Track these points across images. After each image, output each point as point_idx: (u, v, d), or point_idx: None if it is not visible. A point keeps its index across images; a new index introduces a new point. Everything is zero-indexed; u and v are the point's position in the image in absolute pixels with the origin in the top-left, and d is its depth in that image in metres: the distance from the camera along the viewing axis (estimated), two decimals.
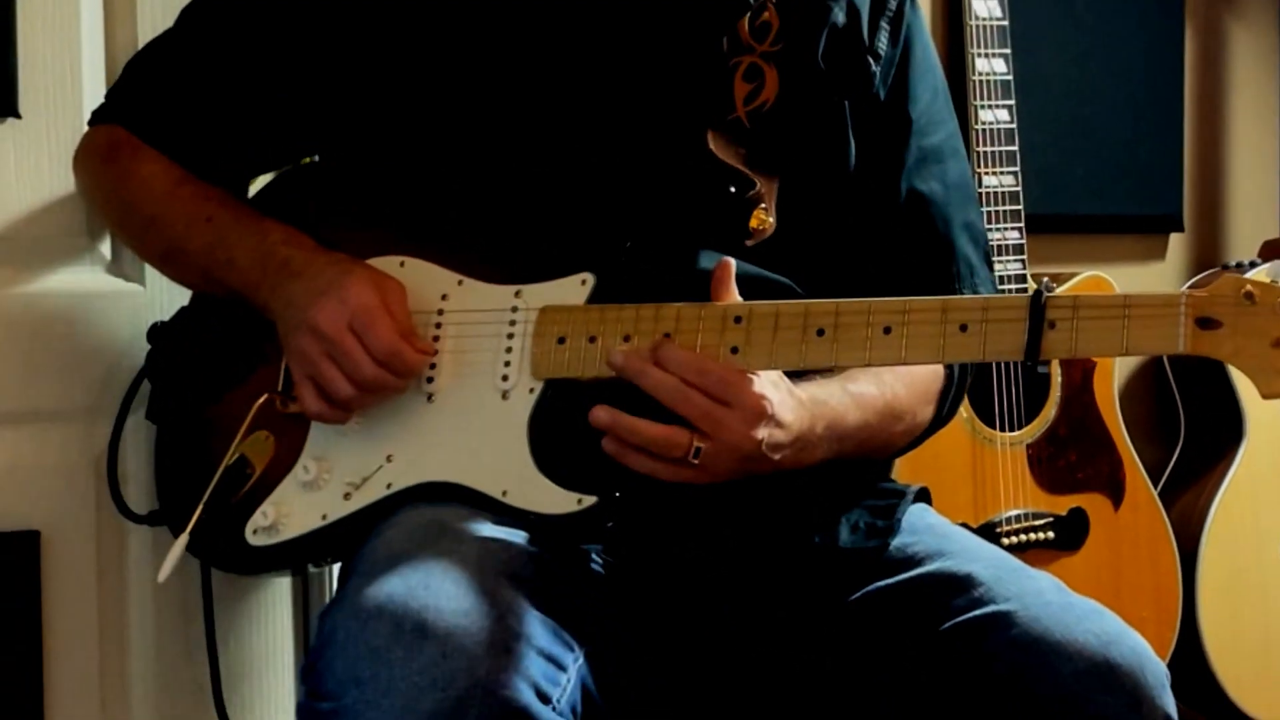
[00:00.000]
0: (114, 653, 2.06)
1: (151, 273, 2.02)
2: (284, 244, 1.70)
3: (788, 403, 1.60)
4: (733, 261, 1.63)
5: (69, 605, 2.02)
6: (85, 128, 1.94)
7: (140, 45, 1.99)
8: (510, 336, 1.65)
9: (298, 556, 1.72)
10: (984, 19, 2.54)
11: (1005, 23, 2.56)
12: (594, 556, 1.66)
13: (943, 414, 1.84)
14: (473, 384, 1.66)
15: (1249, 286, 1.46)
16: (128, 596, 2.06)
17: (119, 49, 2.02)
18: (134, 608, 2.06)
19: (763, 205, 1.69)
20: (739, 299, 1.64)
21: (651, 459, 1.57)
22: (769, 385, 1.58)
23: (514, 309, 1.66)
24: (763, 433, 1.58)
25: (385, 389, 1.64)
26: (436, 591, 1.45)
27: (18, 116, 1.98)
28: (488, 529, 1.57)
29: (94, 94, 1.98)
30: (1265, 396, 1.47)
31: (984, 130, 2.53)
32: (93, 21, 2.04)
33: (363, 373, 1.62)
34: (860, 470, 1.81)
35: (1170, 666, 1.70)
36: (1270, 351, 1.44)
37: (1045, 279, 2.50)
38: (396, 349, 1.63)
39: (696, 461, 1.57)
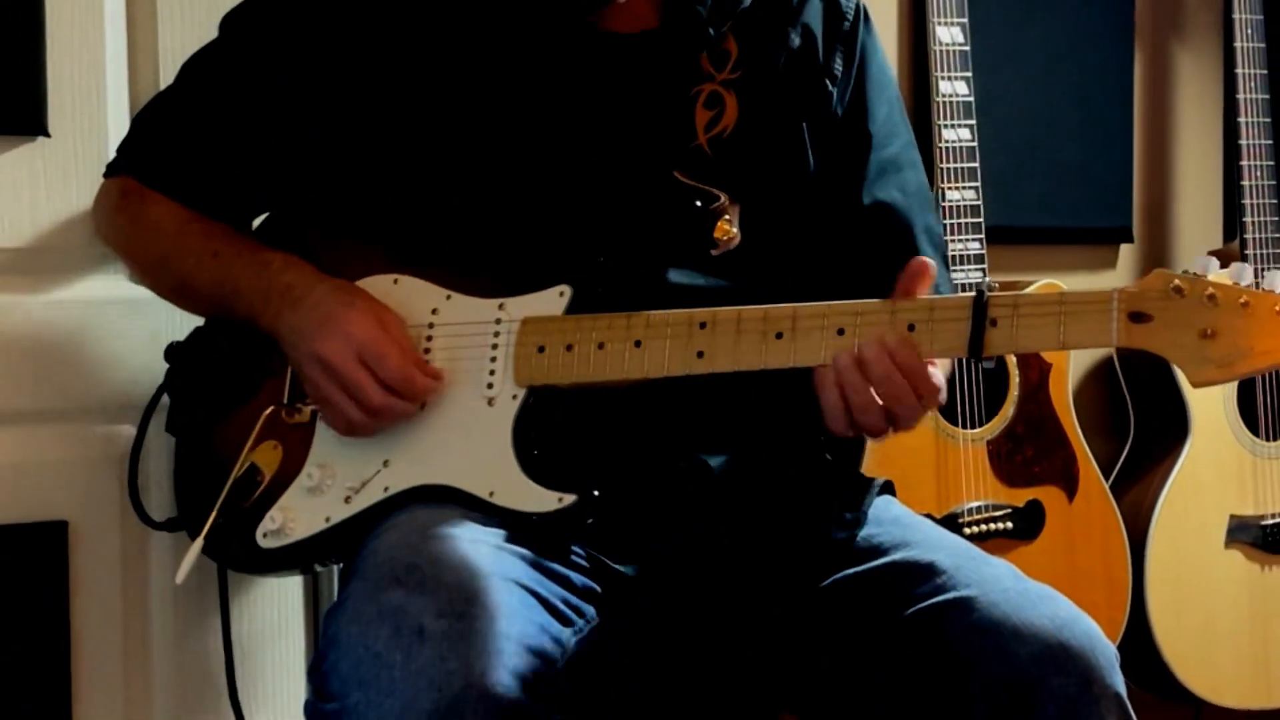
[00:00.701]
0: (136, 635, 2.07)
1: None
2: (284, 271, 1.70)
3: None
4: (927, 262, 1.59)
5: (94, 589, 2.04)
6: (110, 146, 1.96)
7: (160, 64, 2.01)
8: (495, 346, 1.66)
9: (305, 557, 1.71)
10: (947, 44, 2.53)
11: (967, 48, 2.55)
12: (576, 550, 1.66)
13: None
14: (461, 392, 1.66)
15: (1177, 281, 1.45)
16: (149, 583, 2.07)
17: (141, 69, 2.04)
18: (155, 593, 2.07)
19: (726, 217, 1.66)
20: (928, 293, 1.62)
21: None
22: (941, 378, 1.59)
23: (498, 320, 1.66)
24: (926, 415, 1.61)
25: (395, 414, 1.64)
26: (432, 596, 1.45)
27: (47, 135, 1.99)
28: (478, 531, 1.57)
29: (118, 112, 2.00)
30: (1195, 385, 1.46)
31: (947, 148, 2.52)
32: (116, 44, 2.04)
33: (372, 401, 1.62)
34: (833, 474, 1.83)
35: (1120, 648, 1.70)
36: (1199, 342, 1.44)
37: (987, 279, 2.52)
38: (408, 375, 1.63)
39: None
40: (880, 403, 1.56)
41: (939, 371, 1.58)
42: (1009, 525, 2.58)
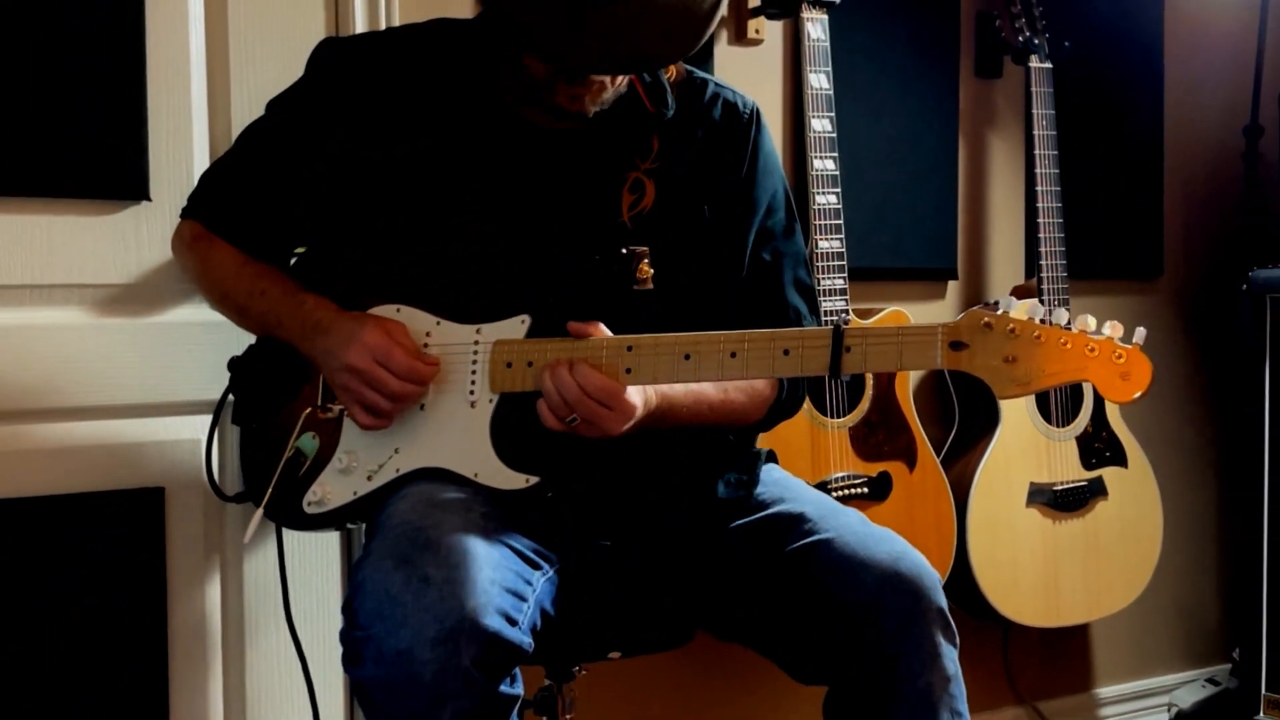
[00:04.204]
0: (216, 574, 2.10)
1: None
2: (315, 310, 1.70)
3: (639, 413, 1.62)
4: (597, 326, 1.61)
5: (184, 539, 2.08)
6: None
7: (233, 142, 1.95)
8: (474, 362, 1.66)
9: (339, 520, 1.73)
10: (819, 132, 2.52)
11: (834, 135, 2.53)
12: (542, 513, 1.67)
13: (770, 418, 1.83)
14: (451, 397, 1.67)
15: (987, 319, 1.46)
16: (225, 533, 2.11)
17: (220, 149, 2.04)
18: (229, 543, 2.11)
19: (646, 261, 1.65)
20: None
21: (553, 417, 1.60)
22: (637, 394, 1.61)
23: (476, 342, 1.67)
24: (628, 424, 1.62)
25: (411, 397, 1.65)
26: (434, 550, 1.48)
27: (149, 199, 2.02)
28: (469, 500, 1.59)
29: None
30: (1000, 398, 1.49)
31: (820, 209, 2.50)
32: (201, 129, 2.06)
33: (391, 388, 1.63)
34: (733, 449, 1.84)
35: (948, 581, 1.66)
36: (1004, 366, 1.45)
37: (843, 315, 2.53)
38: (412, 365, 1.64)
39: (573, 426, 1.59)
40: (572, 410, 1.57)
41: (622, 387, 1.57)
42: (865, 490, 2.58)
